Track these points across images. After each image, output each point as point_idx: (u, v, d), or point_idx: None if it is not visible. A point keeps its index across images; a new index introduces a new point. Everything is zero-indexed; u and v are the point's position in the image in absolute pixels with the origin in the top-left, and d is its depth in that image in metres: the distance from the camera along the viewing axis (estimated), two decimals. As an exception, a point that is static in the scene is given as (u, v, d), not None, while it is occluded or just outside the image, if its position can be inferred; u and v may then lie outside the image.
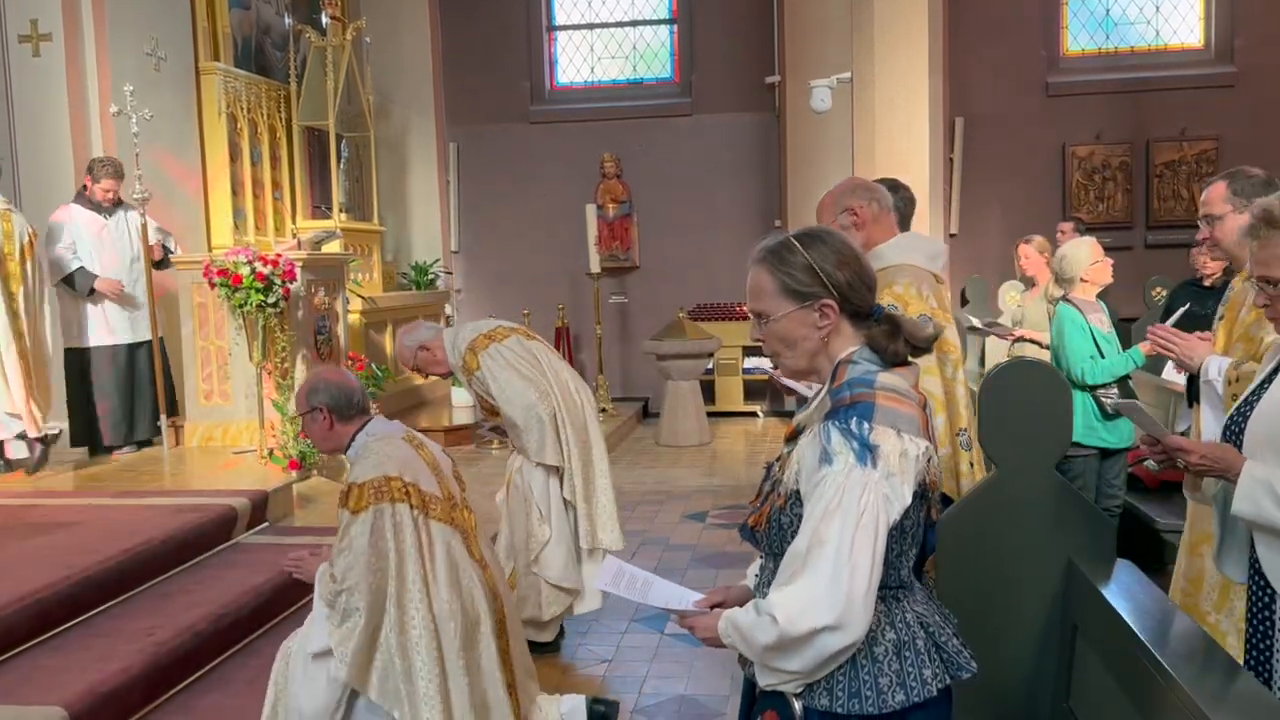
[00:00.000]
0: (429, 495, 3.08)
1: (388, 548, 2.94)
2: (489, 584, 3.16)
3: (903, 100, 6.61)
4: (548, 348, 4.46)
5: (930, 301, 2.90)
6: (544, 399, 4.22)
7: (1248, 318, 3.08)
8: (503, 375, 4.21)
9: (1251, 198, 3.06)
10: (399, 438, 3.16)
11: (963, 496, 2.80)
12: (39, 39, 6.90)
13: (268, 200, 8.45)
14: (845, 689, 1.71)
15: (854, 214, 3.02)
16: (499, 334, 4.32)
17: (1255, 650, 2.25)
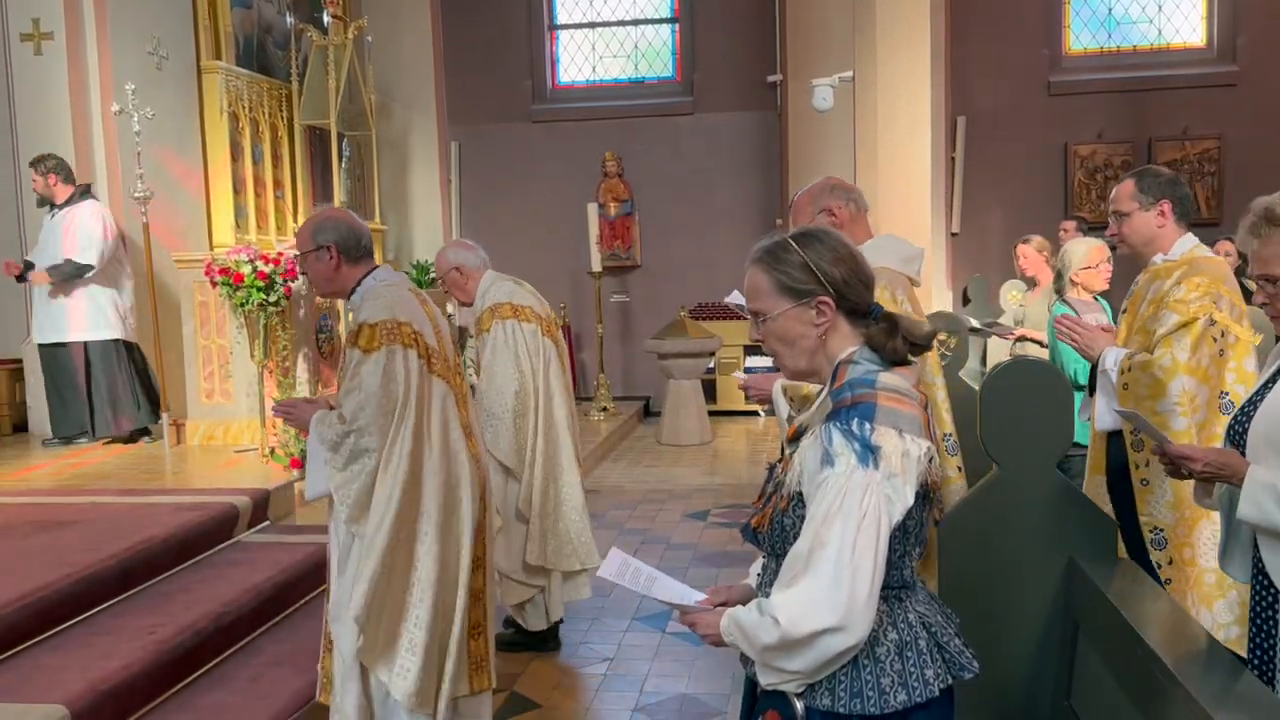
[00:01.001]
0: (432, 349, 3.04)
1: (398, 390, 2.89)
2: (474, 452, 3.13)
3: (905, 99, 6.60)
4: (558, 353, 4.42)
5: (904, 306, 2.91)
6: (521, 398, 4.21)
7: (1146, 311, 3.14)
8: (502, 354, 4.22)
9: (1157, 196, 3.12)
10: (406, 287, 3.11)
11: (961, 500, 2.80)
12: (41, 38, 6.91)
13: (269, 199, 8.45)
14: (847, 689, 1.70)
15: (832, 214, 3.03)
16: (525, 314, 4.32)
17: (1259, 650, 2.25)
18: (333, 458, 2.88)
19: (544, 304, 4.50)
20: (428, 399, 2.98)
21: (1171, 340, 3.00)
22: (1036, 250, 6.20)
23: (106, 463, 6.17)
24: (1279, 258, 2.18)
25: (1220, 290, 3.02)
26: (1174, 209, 3.13)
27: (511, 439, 4.21)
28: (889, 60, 6.62)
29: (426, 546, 2.97)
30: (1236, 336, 3.02)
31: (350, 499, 2.85)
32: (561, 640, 4.56)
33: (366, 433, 2.84)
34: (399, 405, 2.89)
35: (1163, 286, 3.09)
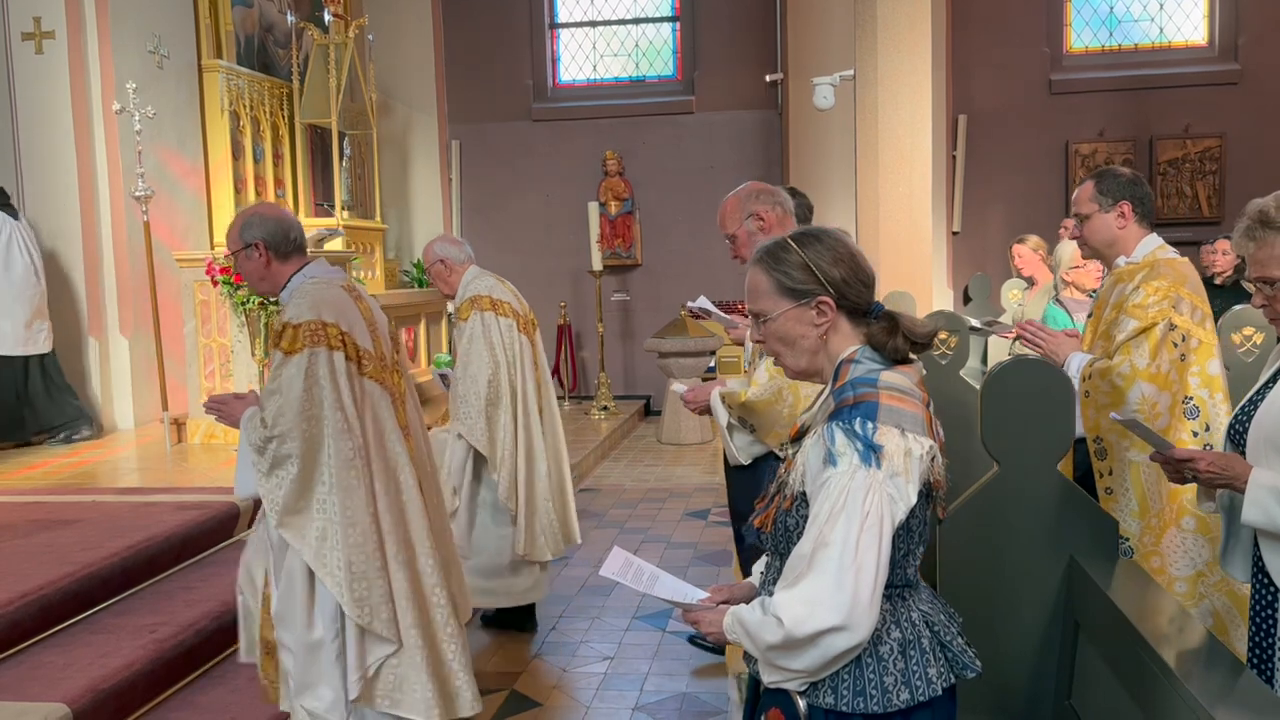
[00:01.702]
0: (363, 350, 2.93)
1: (322, 394, 2.77)
2: (411, 453, 3.04)
3: (906, 98, 6.59)
4: (533, 352, 4.54)
5: None
6: (494, 387, 4.30)
7: (1109, 315, 3.12)
8: (478, 343, 4.32)
9: (1117, 197, 3.10)
10: (338, 284, 2.99)
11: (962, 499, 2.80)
12: (42, 36, 6.91)
13: (270, 198, 8.45)
14: (850, 687, 1.71)
15: (760, 219, 3.05)
16: (503, 309, 4.43)
17: (1258, 649, 2.26)
18: (258, 461, 2.78)
19: (522, 303, 4.60)
20: (359, 402, 2.88)
21: (1130, 347, 2.97)
22: (1032, 250, 6.20)
23: (107, 461, 6.17)
24: (1275, 260, 2.18)
25: (1180, 293, 2.98)
26: (1134, 210, 3.10)
27: (484, 427, 4.31)
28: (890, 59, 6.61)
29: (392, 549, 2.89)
30: (1199, 340, 2.98)
31: (278, 506, 2.75)
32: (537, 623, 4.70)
33: (288, 439, 2.73)
34: (322, 409, 2.77)
35: (1125, 290, 3.06)
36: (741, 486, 3.04)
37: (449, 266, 4.53)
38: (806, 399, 2.85)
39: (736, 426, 2.93)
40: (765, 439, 2.94)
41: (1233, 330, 4.62)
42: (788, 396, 2.88)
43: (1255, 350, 4.56)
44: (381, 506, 2.88)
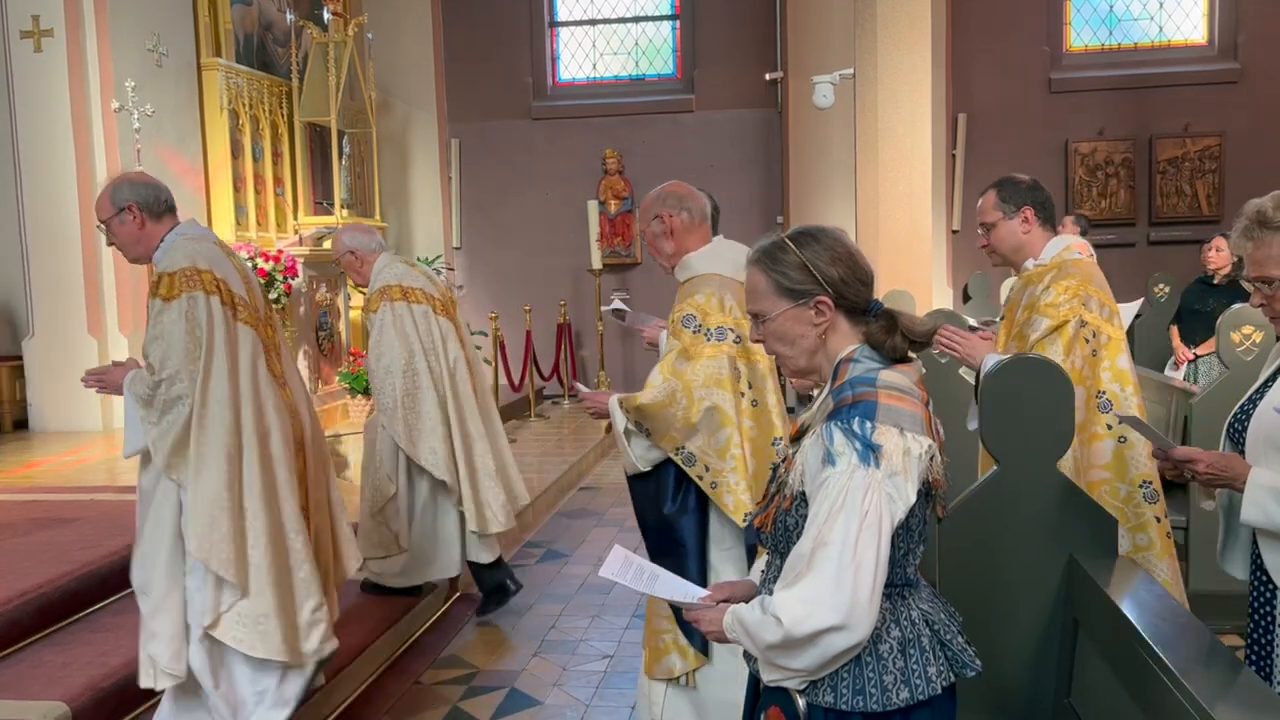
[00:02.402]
0: (239, 297, 3.01)
1: (202, 335, 2.88)
2: (288, 402, 3.10)
3: (905, 96, 6.59)
4: (457, 330, 4.57)
5: (734, 313, 2.91)
6: (409, 376, 4.34)
7: (1021, 317, 3.17)
8: (388, 333, 4.35)
9: (1019, 203, 3.15)
10: (211, 240, 3.11)
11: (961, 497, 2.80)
12: (41, 35, 6.90)
13: (269, 196, 8.45)
14: (850, 686, 1.71)
15: (663, 221, 3.06)
16: (415, 295, 4.44)
17: (1256, 645, 2.26)
18: (148, 413, 2.86)
19: (437, 286, 4.61)
20: (235, 345, 2.96)
21: (1044, 344, 3.02)
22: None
23: (106, 460, 6.17)
24: (1272, 260, 2.18)
25: (1089, 291, 3.03)
26: (1037, 214, 3.15)
27: (400, 417, 4.33)
28: (890, 57, 6.61)
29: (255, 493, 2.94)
30: (1109, 336, 3.04)
31: (168, 447, 2.83)
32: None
33: (177, 380, 2.83)
34: (204, 350, 2.87)
35: (1035, 291, 3.12)
36: (643, 494, 2.97)
37: (359, 257, 4.55)
38: (699, 401, 2.82)
39: (634, 432, 2.89)
40: (660, 443, 2.86)
41: (1232, 329, 4.62)
42: (681, 399, 2.83)
43: (1254, 349, 4.56)
44: (248, 447, 2.94)
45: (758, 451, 2.90)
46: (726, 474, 2.82)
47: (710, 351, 2.86)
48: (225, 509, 2.88)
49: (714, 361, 2.85)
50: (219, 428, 2.89)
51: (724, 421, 2.83)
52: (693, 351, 2.86)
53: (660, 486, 2.91)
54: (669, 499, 2.89)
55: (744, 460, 2.84)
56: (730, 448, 2.83)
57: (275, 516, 2.99)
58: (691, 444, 2.82)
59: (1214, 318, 6.26)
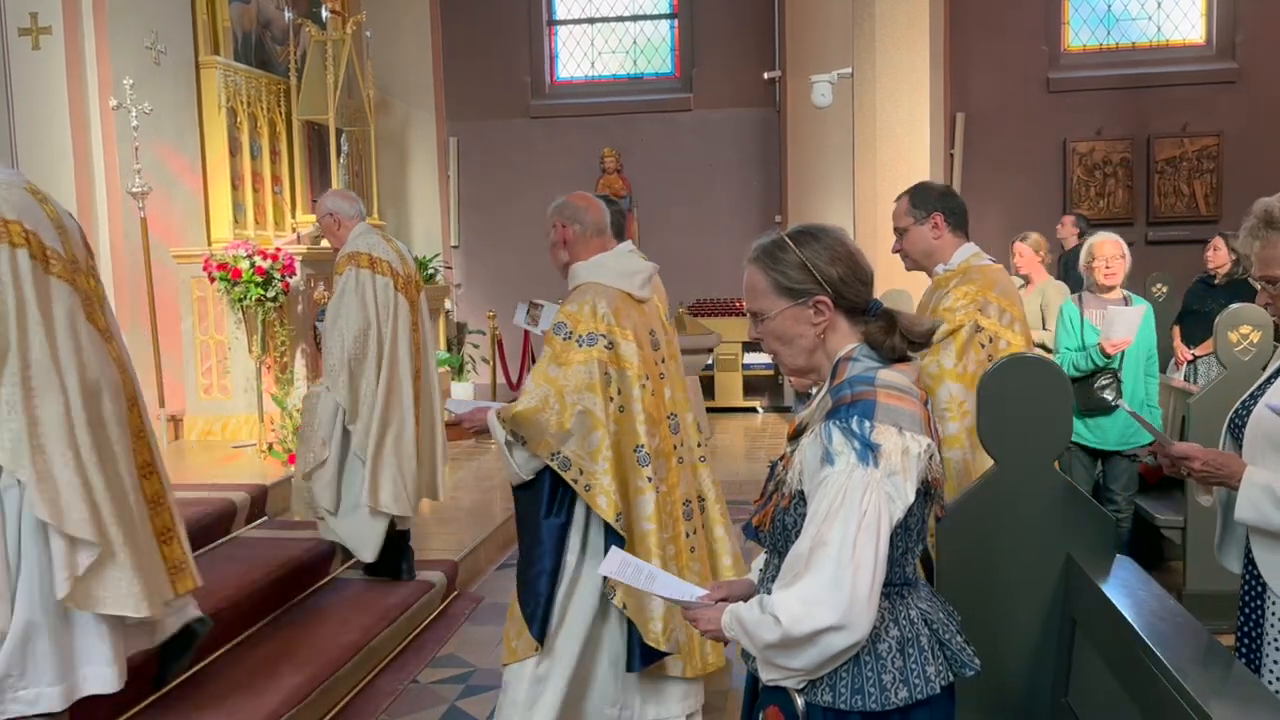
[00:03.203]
0: (50, 249, 2.87)
1: (5, 293, 2.74)
2: (115, 356, 3.01)
3: (904, 95, 6.60)
4: (411, 311, 4.63)
5: (607, 319, 2.95)
6: (361, 343, 4.41)
7: None
8: (348, 297, 4.44)
9: (930, 209, 3.18)
10: (20, 186, 2.93)
11: (959, 496, 2.80)
12: (39, 32, 6.89)
13: (267, 194, 8.44)
14: (848, 685, 1.71)
15: (556, 230, 3.13)
16: (381, 266, 4.54)
17: (1246, 639, 2.28)
18: None
19: (406, 264, 4.70)
20: (48, 300, 2.82)
21: (939, 348, 3.06)
22: (1032, 249, 6.20)
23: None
24: (1277, 260, 2.19)
25: (987, 297, 3.07)
26: (947, 220, 3.18)
27: (345, 380, 4.43)
28: (888, 56, 6.61)
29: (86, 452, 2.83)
30: (1007, 342, 3.07)
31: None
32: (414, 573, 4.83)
33: None
34: (10, 309, 2.72)
35: (940, 296, 3.17)
36: (525, 502, 3.01)
37: (337, 220, 4.66)
38: (572, 406, 2.86)
39: (514, 443, 2.93)
40: (536, 450, 2.90)
41: (1229, 329, 4.62)
42: (554, 404, 2.87)
43: (1251, 349, 4.57)
44: (75, 407, 2.82)
45: (620, 457, 2.95)
46: (599, 476, 2.90)
47: (581, 357, 2.91)
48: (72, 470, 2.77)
49: (585, 366, 2.91)
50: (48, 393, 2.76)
51: (595, 425, 2.90)
52: (564, 358, 2.91)
53: (539, 494, 2.96)
54: (546, 506, 2.96)
55: (614, 462, 2.91)
56: (602, 449, 2.90)
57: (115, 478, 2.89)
58: (566, 448, 2.89)
59: (1212, 317, 6.27)
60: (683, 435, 3.25)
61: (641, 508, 2.98)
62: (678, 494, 3.15)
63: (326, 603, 4.55)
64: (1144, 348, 4.73)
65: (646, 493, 2.99)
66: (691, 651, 3.16)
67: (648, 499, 2.98)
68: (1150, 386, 4.78)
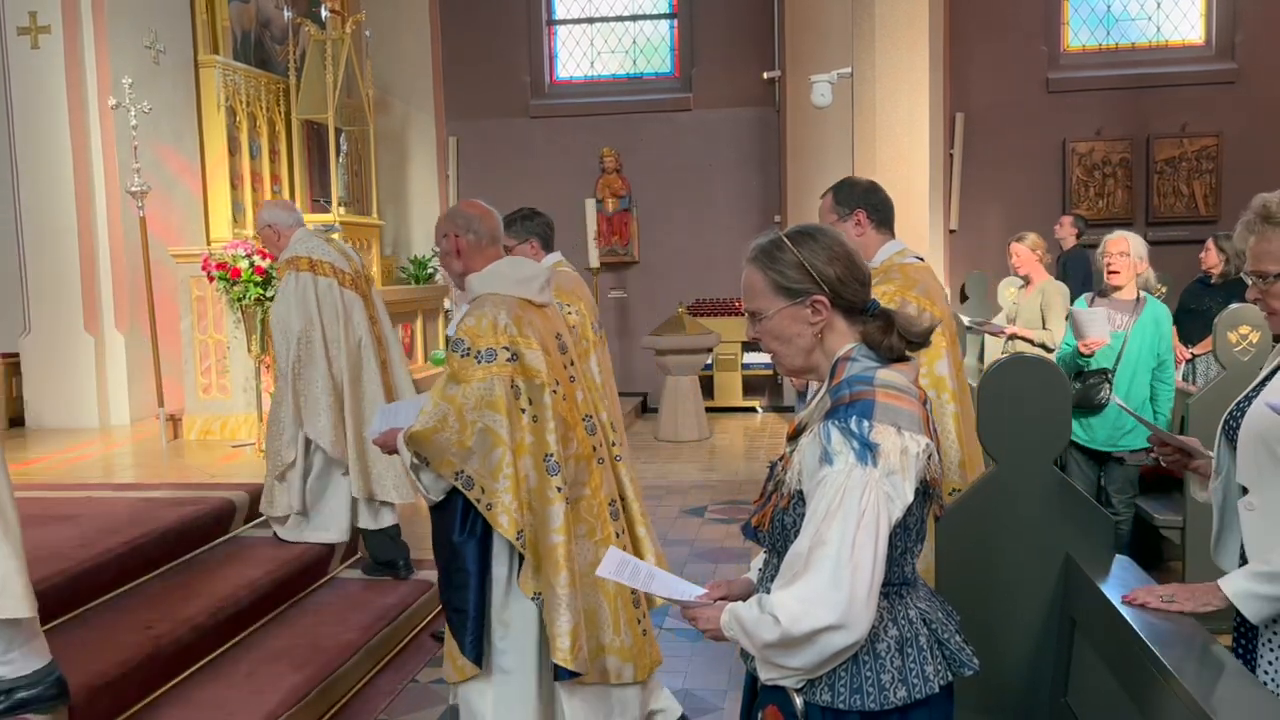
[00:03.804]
0: None
1: None
2: None
3: (904, 95, 6.60)
4: (365, 304, 4.69)
5: (509, 331, 2.90)
6: (305, 345, 4.47)
7: None
8: (289, 300, 4.50)
9: (853, 206, 3.14)
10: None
11: (958, 496, 2.80)
12: (38, 31, 6.89)
13: (266, 194, 8.44)
14: (847, 685, 1.71)
15: (450, 240, 3.07)
16: (322, 268, 4.59)
17: (1242, 640, 2.28)
18: None
19: (351, 261, 4.75)
20: None
21: None
22: (1029, 249, 6.20)
23: (103, 457, 6.17)
24: (1269, 255, 2.19)
25: (907, 297, 3.02)
26: (870, 217, 3.14)
27: (290, 387, 4.51)
28: (888, 56, 6.61)
29: None
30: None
31: None
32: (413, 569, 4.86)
33: None
34: None
35: None
36: (438, 523, 2.97)
37: (276, 230, 4.72)
38: (472, 424, 2.82)
39: (419, 465, 2.89)
40: (439, 470, 2.85)
41: (1229, 329, 4.62)
42: (453, 423, 2.82)
43: (1251, 349, 4.57)
44: None
45: (537, 465, 2.90)
46: (500, 494, 2.84)
47: (480, 374, 2.85)
48: None
49: (484, 384, 2.85)
50: None
51: (496, 442, 2.84)
52: (462, 375, 2.86)
53: (452, 514, 2.91)
54: (458, 526, 2.90)
55: (515, 479, 2.85)
56: (503, 467, 2.84)
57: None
58: (469, 467, 2.84)
59: (1211, 317, 6.28)
60: (600, 436, 3.21)
61: (551, 519, 2.90)
62: (602, 495, 3.10)
63: (326, 602, 4.55)
64: (1149, 350, 4.71)
65: (555, 503, 2.91)
66: (640, 652, 3.12)
67: (556, 510, 2.91)
68: (1160, 391, 4.73)
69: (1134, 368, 4.69)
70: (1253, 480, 2.20)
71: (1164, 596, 2.28)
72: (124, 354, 7.08)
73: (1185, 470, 2.52)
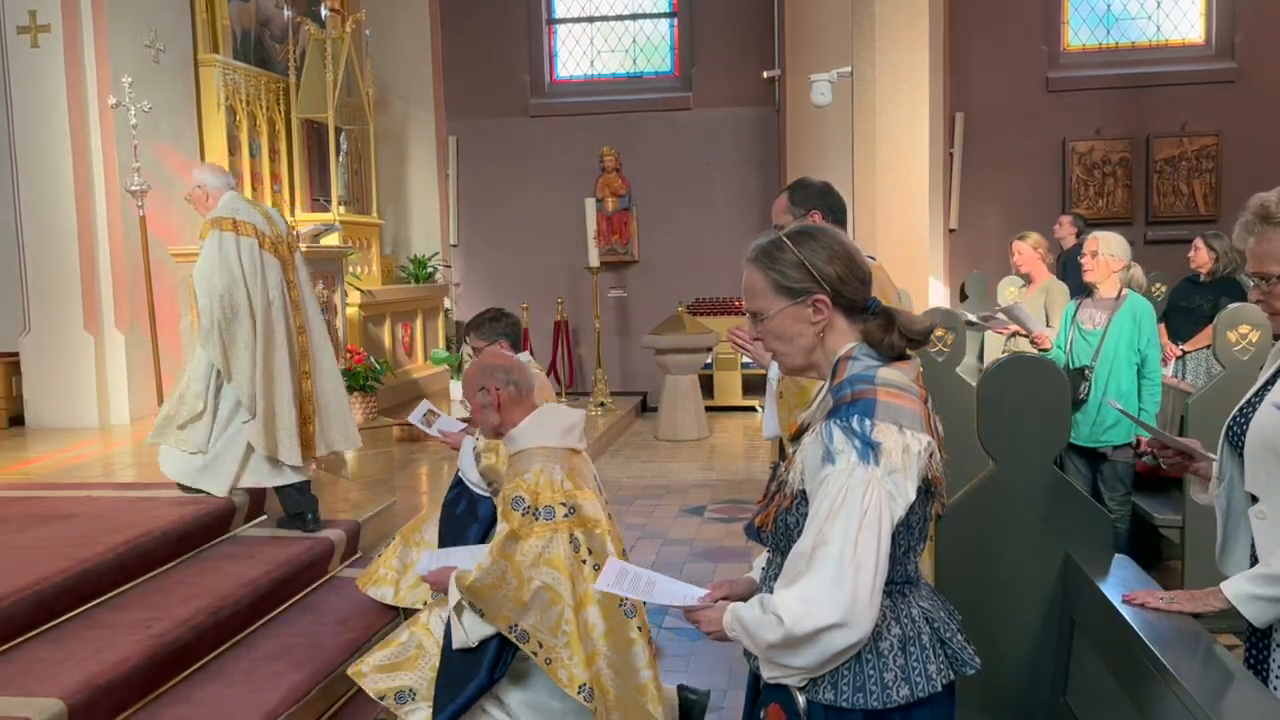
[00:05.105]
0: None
1: None
2: None
3: (904, 95, 6.60)
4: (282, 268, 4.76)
5: (565, 485, 2.92)
6: (228, 302, 4.53)
7: None
8: (211, 257, 4.58)
9: (808, 206, 3.16)
10: None
11: (958, 496, 2.80)
12: (38, 30, 6.88)
13: (266, 193, 8.44)
14: (850, 683, 1.71)
15: (489, 393, 3.08)
16: (245, 229, 4.67)
17: (1254, 648, 2.25)
18: None
19: (276, 226, 4.84)
20: None
21: None
22: (1032, 247, 6.21)
23: (103, 456, 6.16)
24: (1271, 255, 2.17)
25: None
26: (825, 218, 3.15)
27: (217, 339, 4.56)
28: (888, 55, 6.61)
29: None
30: None
31: None
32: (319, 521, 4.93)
33: None
34: None
35: None
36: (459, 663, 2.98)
37: (205, 192, 4.80)
38: (529, 581, 2.85)
39: (465, 607, 2.92)
40: (494, 621, 2.89)
41: (1228, 328, 4.63)
42: (511, 580, 2.85)
43: (1251, 348, 4.57)
44: None
45: (606, 613, 2.93)
46: (559, 649, 2.87)
47: (540, 530, 2.88)
48: None
49: (542, 540, 2.88)
50: None
51: (554, 600, 2.87)
52: (522, 533, 2.88)
53: (480, 658, 2.95)
54: (486, 670, 2.94)
55: (576, 634, 2.88)
56: (562, 624, 2.87)
57: None
58: (525, 622, 2.86)
59: (1200, 314, 6.31)
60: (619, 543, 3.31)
61: (634, 659, 2.94)
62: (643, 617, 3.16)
63: (326, 601, 4.55)
64: (1128, 345, 4.71)
65: (638, 644, 2.95)
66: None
67: (639, 650, 2.95)
68: (1145, 388, 4.74)
69: (1112, 363, 4.70)
70: (1262, 488, 2.17)
71: (1164, 598, 2.28)
72: (124, 353, 7.07)
73: (1186, 472, 2.50)
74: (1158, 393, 4.77)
